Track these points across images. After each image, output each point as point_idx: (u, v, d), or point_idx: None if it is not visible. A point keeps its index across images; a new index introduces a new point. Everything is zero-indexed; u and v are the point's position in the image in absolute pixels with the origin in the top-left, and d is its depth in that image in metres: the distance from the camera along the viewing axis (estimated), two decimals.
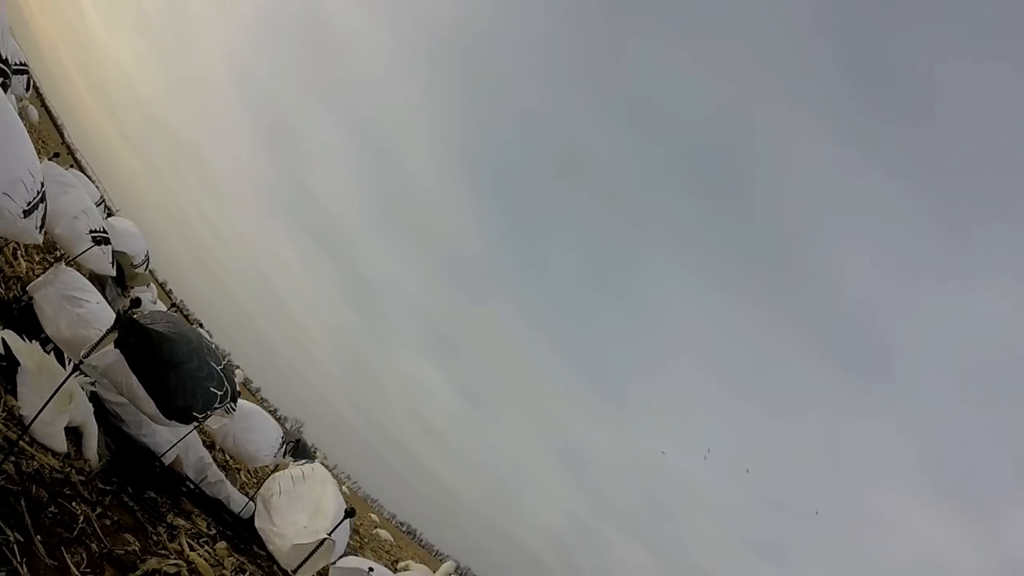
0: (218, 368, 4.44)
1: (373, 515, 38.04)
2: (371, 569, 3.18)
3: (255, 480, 10.14)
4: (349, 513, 5.49)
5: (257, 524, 5.72)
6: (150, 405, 4.41)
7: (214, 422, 6.39)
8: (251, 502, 7.51)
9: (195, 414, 4.28)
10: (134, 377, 4.41)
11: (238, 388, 5.55)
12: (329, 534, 5.06)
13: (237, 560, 5.92)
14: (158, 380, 4.39)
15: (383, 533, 18.97)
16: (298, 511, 5.56)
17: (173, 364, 4.40)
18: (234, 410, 4.85)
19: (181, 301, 54.32)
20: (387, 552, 15.17)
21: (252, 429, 7.06)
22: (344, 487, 39.78)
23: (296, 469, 6.36)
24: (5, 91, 4.86)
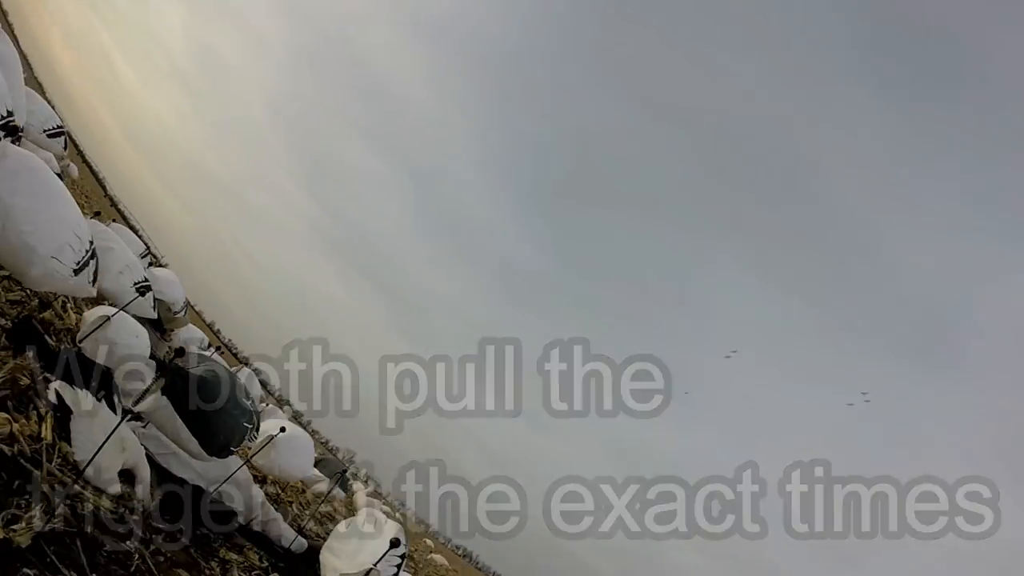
0: (248, 404, 4.66)
1: (428, 540, 38.07)
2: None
3: (307, 513, 10.37)
4: (394, 543, 5.52)
5: (322, 556, 5.83)
6: (194, 444, 4.65)
7: (262, 457, 6.63)
8: (300, 536, 7.68)
9: (232, 448, 4.51)
10: (179, 419, 4.66)
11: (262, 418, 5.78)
12: (375, 564, 5.12)
13: None
14: (201, 421, 4.63)
15: (438, 558, 19.00)
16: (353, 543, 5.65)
17: (213, 406, 4.63)
18: (256, 438, 5.07)
19: (230, 340, 56.30)
20: None
21: (292, 450, 7.24)
22: (399, 514, 39.94)
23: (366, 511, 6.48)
24: (18, 143, 5.31)
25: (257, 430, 5.20)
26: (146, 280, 7.83)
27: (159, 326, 9.47)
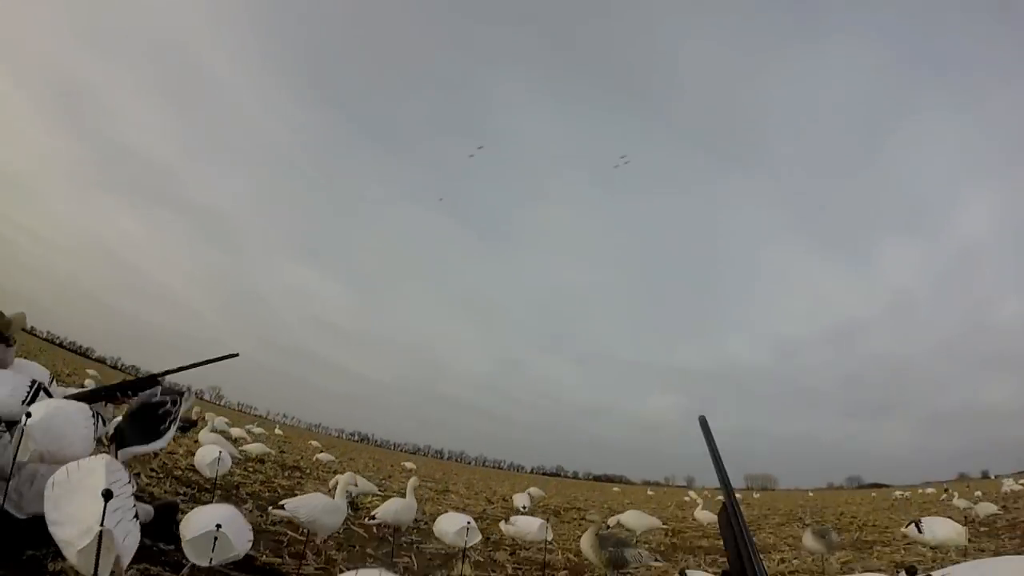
0: None
1: (313, 441, 38.24)
2: (219, 526, 2.93)
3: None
4: (106, 495, 4.96)
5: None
6: None
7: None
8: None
9: None
10: None
11: None
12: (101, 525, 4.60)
13: None
14: None
15: (325, 456, 19.08)
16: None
17: None
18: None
19: None
20: (332, 472, 15.34)
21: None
22: (278, 428, 39.09)
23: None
24: None
25: None
26: None
27: None
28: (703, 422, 0.95)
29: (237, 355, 3.91)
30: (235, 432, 19.12)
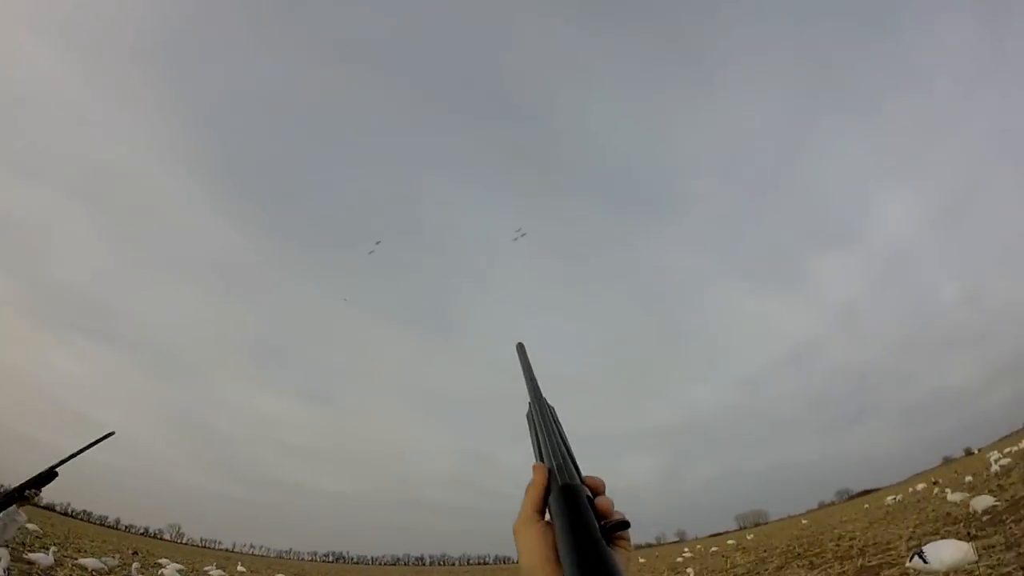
0: None
1: (280, 574, 34.17)
2: None
3: None
4: None
5: None
6: None
7: None
8: None
9: None
10: None
11: None
12: None
13: None
14: None
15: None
16: None
17: None
18: None
19: None
20: None
21: None
22: (240, 565, 34.92)
23: None
24: None
25: None
26: None
27: None
28: (520, 348, 1.02)
29: (113, 433, 3.79)
30: None
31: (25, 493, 3.68)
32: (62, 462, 3.71)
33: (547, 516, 0.70)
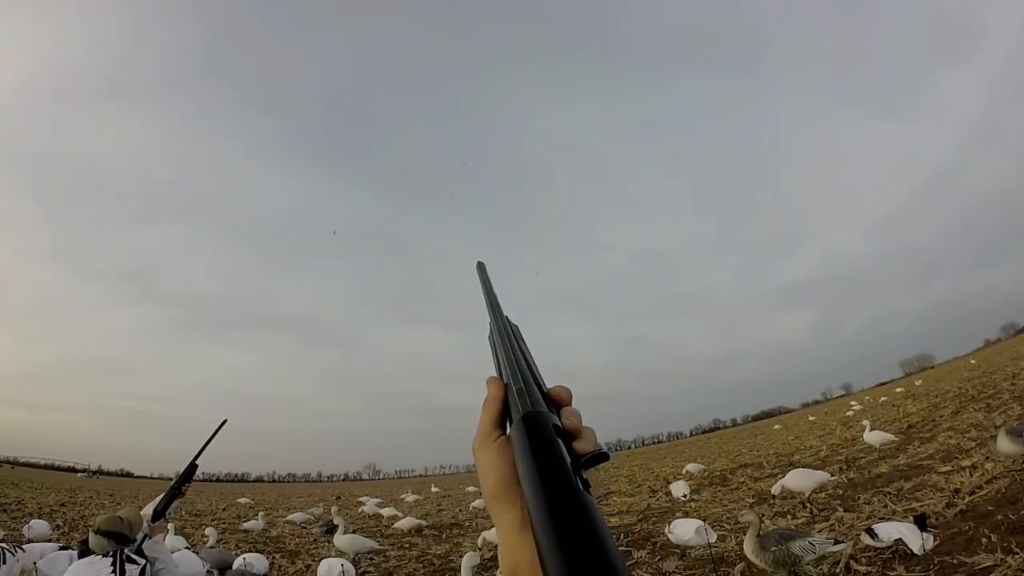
0: None
1: (471, 487, 38.19)
2: None
3: None
4: None
5: None
6: None
7: None
8: None
9: None
10: None
11: None
12: None
13: None
14: None
15: (481, 503, 19.26)
16: None
17: None
18: None
19: None
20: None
21: None
22: (433, 486, 39.61)
23: None
24: None
25: None
26: None
27: None
28: (480, 267, 0.96)
29: (226, 421, 4.03)
30: (386, 512, 19.99)
31: (182, 488, 3.90)
32: (198, 455, 3.92)
33: (508, 431, 0.55)
